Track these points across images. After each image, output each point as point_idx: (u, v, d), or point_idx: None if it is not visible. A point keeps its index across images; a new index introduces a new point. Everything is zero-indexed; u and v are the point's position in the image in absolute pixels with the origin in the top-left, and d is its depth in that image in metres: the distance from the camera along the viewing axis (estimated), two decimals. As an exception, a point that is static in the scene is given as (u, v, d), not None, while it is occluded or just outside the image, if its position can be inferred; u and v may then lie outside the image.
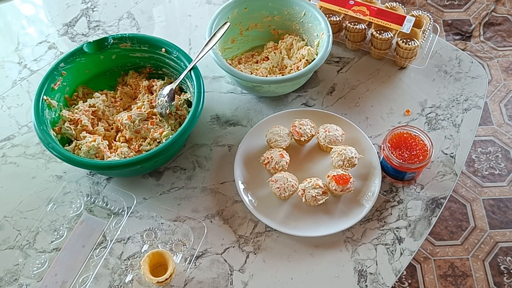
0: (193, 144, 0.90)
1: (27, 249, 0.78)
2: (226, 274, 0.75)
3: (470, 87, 0.96)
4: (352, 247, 0.78)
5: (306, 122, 0.86)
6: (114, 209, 0.81)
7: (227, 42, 0.99)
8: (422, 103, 0.94)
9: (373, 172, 0.83)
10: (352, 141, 0.87)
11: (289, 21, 1.00)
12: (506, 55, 2.13)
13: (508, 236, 1.63)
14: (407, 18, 0.96)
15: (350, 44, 1.01)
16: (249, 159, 0.86)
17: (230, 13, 0.95)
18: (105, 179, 0.85)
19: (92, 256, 0.76)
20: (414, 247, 0.78)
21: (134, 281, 0.74)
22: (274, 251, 0.78)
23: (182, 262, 0.76)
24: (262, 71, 0.95)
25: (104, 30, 1.09)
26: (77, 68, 0.88)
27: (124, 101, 0.91)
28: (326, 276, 0.75)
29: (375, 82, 0.97)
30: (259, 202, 0.81)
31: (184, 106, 0.88)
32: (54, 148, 0.76)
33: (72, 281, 0.74)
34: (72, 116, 0.85)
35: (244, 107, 0.94)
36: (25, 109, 0.96)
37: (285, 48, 0.98)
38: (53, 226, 0.80)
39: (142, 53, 0.91)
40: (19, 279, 0.75)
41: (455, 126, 0.91)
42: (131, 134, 0.84)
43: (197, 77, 0.84)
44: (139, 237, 0.79)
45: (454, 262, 1.56)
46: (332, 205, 0.81)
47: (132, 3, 1.14)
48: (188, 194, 0.84)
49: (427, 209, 0.82)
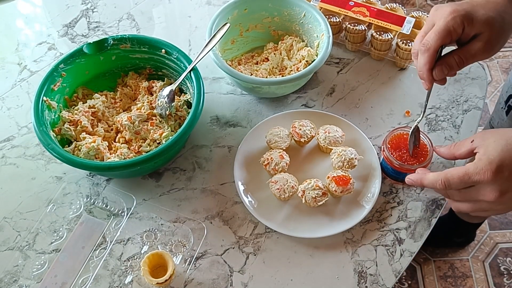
0: (193, 145, 0.90)
1: (26, 250, 0.78)
2: (226, 275, 0.75)
3: (470, 88, 0.96)
4: (352, 248, 0.78)
5: (306, 123, 0.86)
6: (114, 210, 0.81)
7: (227, 43, 0.99)
8: (422, 104, 0.94)
9: (373, 173, 0.83)
10: (352, 142, 0.87)
11: (289, 22, 1.00)
12: (506, 56, 2.13)
13: (508, 237, 1.63)
14: (407, 19, 0.96)
15: (350, 45, 1.01)
16: (249, 160, 0.86)
17: (230, 14, 0.95)
18: (105, 180, 0.85)
19: (92, 257, 0.76)
20: (414, 248, 0.78)
21: (134, 282, 0.74)
22: (274, 252, 0.78)
23: (182, 263, 0.76)
24: (262, 72, 0.95)
25: (104, 31, 1.09)
26: (77, 69, 0.88)
27: (124, 102, 0.91)
28: (326, 277, 0.75)
29: (375, 83, 0.97)
30: (259, 203, 0.81)
31: (184, 107, 0.88)
32: (54, 149, 0.76)
33: (72, 282, 0.74)
34: (72, 117, 0.85)
35: (244, 108, 0.94)
36: (24, 110, 0.96)
37: (285, 49, 0.98)
38: (52, 227, 0.79)
39: (142, 54, 0.91)
40: (18, 280, 0.75)
41: (455, 127, 0.91)
42: (131, 135, 0.84)
43: (197, 78, 0.84)
44: (139, 238, 0.78)
45: (454, 263, 1.56)
46: (332, 206, 0.81)
47: (132, 4, 1.14)
48: (188, 195, 0.84)
49: (427, 210, 0.81)
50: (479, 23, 0.66)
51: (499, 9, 0.68)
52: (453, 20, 0.66)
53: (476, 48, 0.67)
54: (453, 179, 0.63)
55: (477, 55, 0.68)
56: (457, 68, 0.70)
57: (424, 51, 0.69)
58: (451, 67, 0.69)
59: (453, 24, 0.66)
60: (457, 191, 0.65)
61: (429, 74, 0.70)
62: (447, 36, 0.67)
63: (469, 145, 0.65)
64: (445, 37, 0.67)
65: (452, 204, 0.68)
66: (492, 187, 0.60)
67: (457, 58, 0.69)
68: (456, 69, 0.70)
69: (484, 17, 0.66)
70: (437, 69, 0.70)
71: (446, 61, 0.69)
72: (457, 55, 0.69)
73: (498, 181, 0.60)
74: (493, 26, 0.67)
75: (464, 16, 0.66)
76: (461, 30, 0.67)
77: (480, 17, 0.66)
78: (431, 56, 0.69)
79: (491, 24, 0.66)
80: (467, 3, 0.68)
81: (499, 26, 0.67)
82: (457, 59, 0.69)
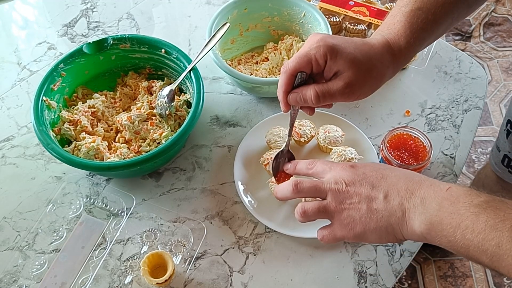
0: (192, 145, 0.89)
1: (26, 250, 0.78)
2: (225, 275, 0.75)
3: (470, 87, 0.96)
4: (352, 248, 0.78)
5: (306, 123, 0.86)
6: (114, 210, 0.81)
7: (227, 43, 0.99)
8: (422, 104, 0.94)
9: (373, 173, 0.83)
10: (352, 142, 0.87)
11: (289, 21, 1.00)
12: (506, 56, 2.13)
13: (508, 236, 1.63)
14: (407, 18, 0.96)
15: (350, 45, 1.01)
16: (249, 160, 0.86)
17: (230, 13, 0.95)
18: (105, 180, 0.85)
19: (91, 257, 0.76)
20: (414, 248, 0.78)
21: (133, 282, 0.74)
22: (274, 252, 0.78)
23: (181, 263, 0.76)
24: (262, 72, 0.95)
25: (104, 31, 1.09)
26: (76, 69, 0.88)
27: (123, 102, 0.91)
28: (326, 277, 0.75)
29: (375, 83, 0.97)
30: (259, 203, 0.81)
31: (184, 107, 0.88)
32: (54, 149, 0.76)
33: (72, 282, 0.74)
34: (72, 117, 0.85)
35: (244, 108, 0.94)
36: (24, 110, 0.96)
37: (285, 48, 0.98)
38: (52, 227, 0.79)
39: (142, 54, 0.91)
40: (18, 280, 0.75)
41: (455, 127, 0.91)
42: (131, 135, 0.84)
43: (197, 78, 0.84)
44: (139, 238, 0.78)
45: (454, 263, 1.56)
46: (332, 206, 0.81)
47: (132, 4, 1.14)
48: (188, 195, 0.84)
49: (427, 210, 0.81)
50: (343, 61, 0.62)
51: (372, 55, 0.64)
52: (317, 49, 0.62)
53: (336, 87, 0.63)
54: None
55: (335, 95, 0.63)
56: (312, 103, 0.65)
57: (282, 72, 0.65)
58: (305, 99, 0.64)
59: (315, 53, 0.62)
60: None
61: (284, 97, 0.66)
62: (306, 63, 0.63)
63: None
64: (304, 64, 0.63)
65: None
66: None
67: (313, 92, 0.63)
68: (311, 104, 0.65)
69: (350, 56, 0.62)
70: (291, 95, 0.65)
71: (302, 91, 0.65)
72: (313, 88, 0.64)
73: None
74: (358, 68, 0.62)
75: (328, 47, 0.62)
76: (323, 61, 0.62)
77: (346, 55, 0.62)
78: (287, 79, 0.64)
79: (356, 65, 0.62)
80: (342, 38, 0.64)
81: (364, 70, 0.63)
82: (313, 92, 0.63)
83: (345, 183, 0.61)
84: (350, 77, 0.62)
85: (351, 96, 0.64)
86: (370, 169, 0.62)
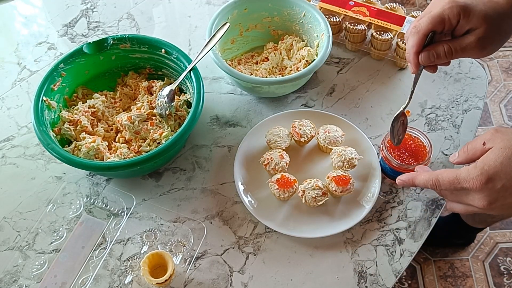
0: (192, 145, 0.89)
1: (26, 250, 0.78)
2: (225, 275, 0.75)
3: (470, 87, 0.96)
4: (352, 248, 0.78)
5: (306, 123, 0.86)
6: (114, 210, 0.81)
7: (227, 43, 0.99)
8: (422, 104, 0.94)
9: (373, 173, 0.83)
10: (352, 142, 0.87)
11: (289, 21, 1.00)
12: (506, 56, 2.13)
13: (508, 236, 1.63)
14: (407, 19, 0.96)
15: (350, 45, 1.01)
16: (249, 160, 0.86)
17: (230, 13, 0.95)
18: (105, 180, 0.85)
19: (91, 257, 0.76)
20: (414, 248, 0.78)
21: (133, 282, 0.74)
22: (274, 252, 0.78)
23: (181, 263, 0.76)
24: (262, 72, 0.95)
25: (104, 31, 1.09)
26: (76, 69, 0.88)
27: (123, 102, 0.91)
28: (326, 277, 0.75)
29: (375, 83, 0.97)
30: (259, 203, 0.81)
31: (184, 107, 0.88)
32: (54, 149, 0.76)
33: (72, 282, 0.74)
34: (72, 117, 0.85)
35: (243, 108, 0.94)
36: (24, 110, 0.96)
37: (285, 48, 0.98)
38: (52, 227, 0.79)
39: (142, 54, 0.91)
40: (18, 280, 0.75)
41: (455, 127, 0.91)
42: (131, 135, 0.84)
43: (197, 78, 0.84)
44: (139, 238, 0.78)
45: (454, 263, 1.56)
46: (332, 206, 0.81)
47: (132, 4, 1.14)
48: (188, 195, 0.84)
49: (427, 210, 0.81)
50: (476, 18, 0.65)
51: (499, 10, 0.66)
52: (450, 9, 0.65)
53: (468, 42, 0.66)
54: (443, 181, 0.63)
55: (467, 50, 0.67)
56: (445, 58, 0.68)
57: (413, 33, 0.68)
58: (438, 55, 0.68)
59: (448, 13, 0.65)
60: (449, 192, 0.65)
61: (415, 58, 0.69)
62: (439, 23, 0.66)
63: (482, 148, 0.64)
64: (438, 24, 0.66)
65: (447, 204, 0.68)
66: (480, 195, 0.60)
67: (446, 47, 0.67)
68: (443, 59, 0.68)
69: (482, 13, 0.65)
70: (423, 54, 0.68)
71: (434, 48, 0.68)
72: (447, 44, 0.67)
73: (487, 191, 0.59)
74: (490, 24, 0.65)
75: (461, 7, 0.65)
76: (456, 21, 0.65)
77: (478, 12, 0.65)
78: (420, 39, 0.67)
79: (488, 21, 0.65)
80: None
81: (495, 26, 0.66)
82: (446, 48, 0.67)
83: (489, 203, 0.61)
84: (482, 32, 0.65)
85: (483, 51, 0.67)
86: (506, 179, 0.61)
